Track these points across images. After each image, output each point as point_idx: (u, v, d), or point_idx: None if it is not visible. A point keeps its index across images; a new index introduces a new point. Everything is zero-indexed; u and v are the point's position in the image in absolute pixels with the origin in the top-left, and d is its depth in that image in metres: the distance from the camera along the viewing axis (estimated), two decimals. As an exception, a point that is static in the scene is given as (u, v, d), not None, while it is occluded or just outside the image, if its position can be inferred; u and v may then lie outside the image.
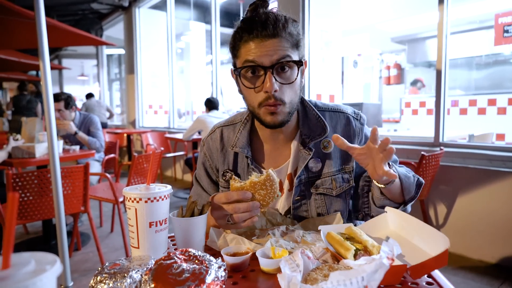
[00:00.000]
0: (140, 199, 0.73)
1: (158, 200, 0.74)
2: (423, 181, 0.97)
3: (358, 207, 1.05)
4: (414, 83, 7.36)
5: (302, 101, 1.03)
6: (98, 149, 3.51)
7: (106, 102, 9.32)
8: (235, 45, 0.91)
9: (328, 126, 1.00)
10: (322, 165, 1.00)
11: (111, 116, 7.54)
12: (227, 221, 0.84)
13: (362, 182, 1.04)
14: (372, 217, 0.95)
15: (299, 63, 0.89)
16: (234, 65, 0.94)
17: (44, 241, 3.01)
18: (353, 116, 1.05)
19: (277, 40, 0.86)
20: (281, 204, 1.02)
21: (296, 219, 1.01)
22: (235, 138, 1.04)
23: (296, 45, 0.90)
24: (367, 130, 1.07)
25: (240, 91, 0.97)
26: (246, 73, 0.90)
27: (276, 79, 0.87)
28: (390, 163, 0.86)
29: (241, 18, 0.91)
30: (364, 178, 1.04)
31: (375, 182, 0.88)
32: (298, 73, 0.90)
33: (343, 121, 1.04)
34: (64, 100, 3.38)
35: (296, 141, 1.01)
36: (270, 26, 0.85)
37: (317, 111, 1.02)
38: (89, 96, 7.24)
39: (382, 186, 0.87)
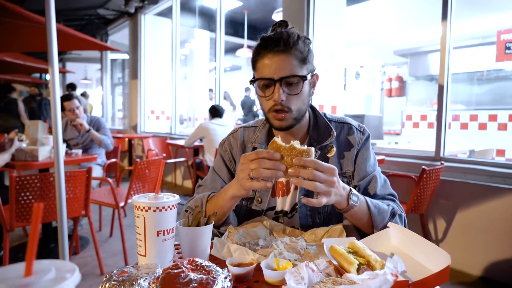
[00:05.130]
0: (149, 208, 0.74)
1: (166, 210, 0.75)
2: (402, 214, 1.04)
3: None
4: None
5: (314, 110, 1.16)
6: (109, 146, 3.60)
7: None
8: (254, 59, 1.05)
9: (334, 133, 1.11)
10: None
11: None
12: (248, 175, 0.88)
13: None
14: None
15: (304, 78, 1.01)
16: (253, 76, 1.07)
17: (43, 244, 3.01)
18: (356, 128, 1.15)
19: (286, 56, 0.98)
20: (288, 202, 1.12)
21: (302, 216, 1.09)
22: (255, 136, 1.18)
23: (304, 60, 1.01)
24: (369, 145, 1.14)
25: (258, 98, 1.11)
26: (260, 84, 1.03)
27: (284, 90, 0.99)
28: (356, 193, 0.93)
29: (261, 36, 1.05)
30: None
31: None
32: (303, 85, 1.01)
33: (347, 131, 1.14)
34: (76, 98, 3.54)
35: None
36: (281, 43, 0.98)
37: (326, 120, 1.14)
38: None
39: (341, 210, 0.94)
